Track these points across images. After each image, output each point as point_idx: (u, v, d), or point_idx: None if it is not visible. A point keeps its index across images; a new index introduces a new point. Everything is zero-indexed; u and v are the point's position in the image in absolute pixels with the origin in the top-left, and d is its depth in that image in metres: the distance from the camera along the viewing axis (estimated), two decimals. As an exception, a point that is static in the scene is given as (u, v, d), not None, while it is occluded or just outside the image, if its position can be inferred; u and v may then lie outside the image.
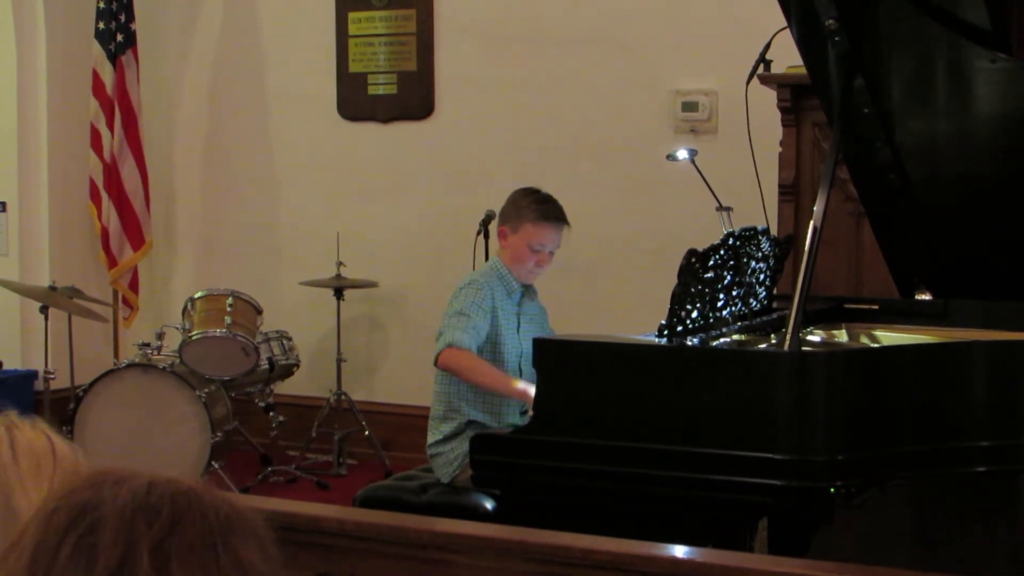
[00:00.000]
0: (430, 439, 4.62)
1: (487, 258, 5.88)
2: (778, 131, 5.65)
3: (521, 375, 4.56)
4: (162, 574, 1.08)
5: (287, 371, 6.70)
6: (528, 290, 4.79)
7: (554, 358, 3.43)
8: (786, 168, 5.65)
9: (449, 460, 4.53)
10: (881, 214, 4.13)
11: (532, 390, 4.18)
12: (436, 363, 4.49)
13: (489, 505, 4.17)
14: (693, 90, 6.41)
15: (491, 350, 4.57)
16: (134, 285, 7.22)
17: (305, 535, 2.85)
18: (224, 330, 6.34)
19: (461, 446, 4.44)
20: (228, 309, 6.43)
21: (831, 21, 3.58)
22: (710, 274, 3.64)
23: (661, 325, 3.48)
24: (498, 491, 3.84)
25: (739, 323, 3.86)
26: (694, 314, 3.56)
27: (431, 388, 4.66)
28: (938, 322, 4.07)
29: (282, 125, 7.41)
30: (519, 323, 4.69)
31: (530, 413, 3.99)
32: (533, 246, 4.63)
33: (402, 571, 2.79)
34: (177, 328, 6.50)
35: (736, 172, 5.09)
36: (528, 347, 4.36)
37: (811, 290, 3.51)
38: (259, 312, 6.58)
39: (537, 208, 4.66)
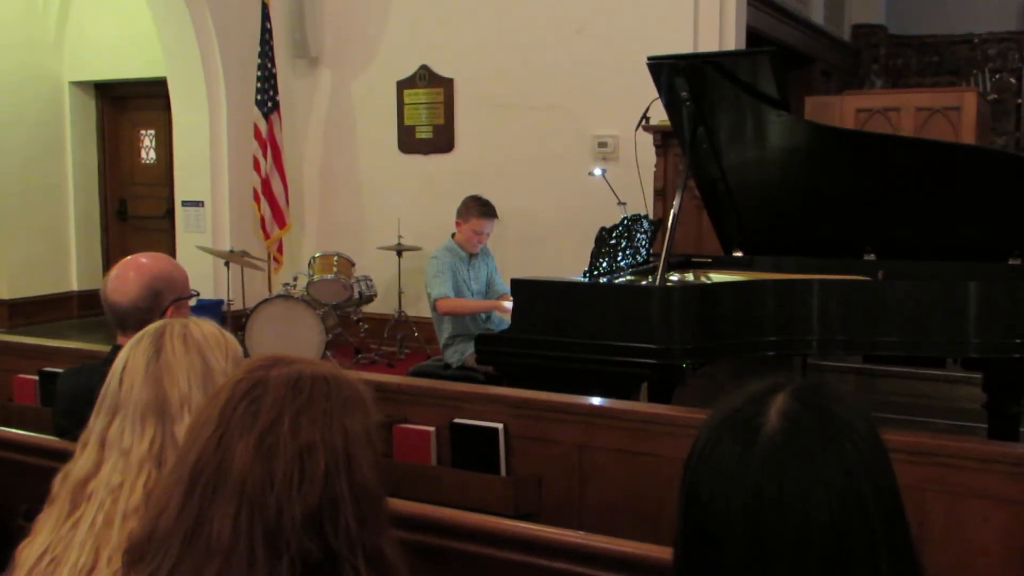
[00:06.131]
0: (441, 344, 4.64)
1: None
2: (654, 158, 5.63)
3: None
4: (295, 432, 1.05)
5: (369, 299, 6.67)
6: (473, 256, 4.68)
7: (523, 289, 3.41)
8: (658, 180, 5.65)
9: (452, 353, 4.55)
10: (713, 206, 4.12)
11: (502, 305, 4.32)
12: (434, 309, 4.48)
13: (482, 377, 4.17)
14: (605, 135, 6.37)
15: (456, 294, 4.54)
16: (280, 249, 7.14)
17: (379, 392, 2.85)
18: (332, 275, 6.32)
19: (456, 347, 4.50)
20: (335, 262, 6.41)
21: (685, 93, 3.56)
22: (613, 241, 3.64)
23: (585, 271, 3.49)
24: (491, 367, 3.84)
25: (630, 269, 3.87)
26: (604, 265, 3.56)
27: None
28: (746, 269, 4.08)
29: (366, 156, 7.32)
30: (470, 276, 4.65)
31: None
32: (476, 231, 4.58)
33: (435, 413, 2.80)
34: (305, 275, 6.46)
35: (630, 182, 5.07)
36: (478, 288, 4.61)
37: (671, 250, 3.51)
38: (353, 264, 6.54)
39: (478, 208, 4.61)
